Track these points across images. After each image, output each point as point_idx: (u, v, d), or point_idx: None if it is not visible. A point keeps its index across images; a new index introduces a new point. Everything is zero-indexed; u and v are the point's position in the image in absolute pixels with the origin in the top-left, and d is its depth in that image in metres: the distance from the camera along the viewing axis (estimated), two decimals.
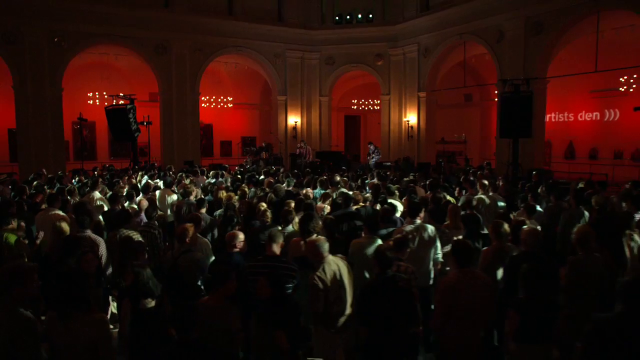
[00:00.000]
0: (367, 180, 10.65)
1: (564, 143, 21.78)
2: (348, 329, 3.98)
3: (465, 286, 3.53)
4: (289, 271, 4.07)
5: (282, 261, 4.17)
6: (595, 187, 8.82)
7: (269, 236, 4.29)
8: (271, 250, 4.20)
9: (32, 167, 16.36)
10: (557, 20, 15.33)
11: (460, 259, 3.65)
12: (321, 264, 3.93)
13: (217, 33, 20.06)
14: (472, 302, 3.51)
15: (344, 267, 4.02)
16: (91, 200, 8.13)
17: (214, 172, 11.86)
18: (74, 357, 3.13)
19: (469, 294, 3.51)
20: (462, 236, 5.99)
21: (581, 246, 4.13)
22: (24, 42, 16.74)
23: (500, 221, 4.73)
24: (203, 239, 5.41)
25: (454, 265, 3.69)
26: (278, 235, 4.32)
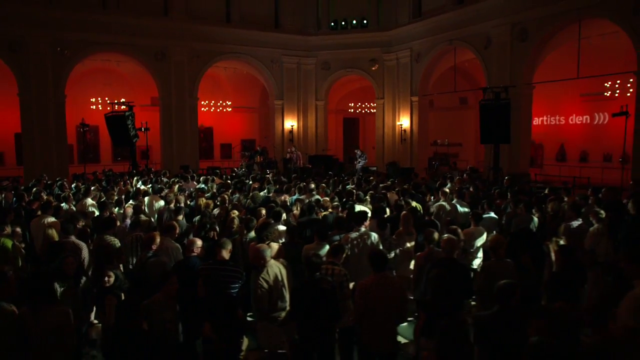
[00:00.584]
0: (348, 186, 11.18)
1: (556, 146, 22.16)
2: (289, 322, 4.55)
3: (378, 288, 4.07)
4: (235, 273, 4.65)
5: (229, 265, 4.75)
6: (559, 194, 9.32)
7: (219, 243, 4.88)
8: (220, 255, 4.79)
9: (36, 171, 17.18)
10: (542, 28, 15.75)
11: (375, 265, 4.20)
12: (264, 268, 4.52)
13: (214, 40, 20.70)
14: (385, 302, 4.06)
15: (284, 269, 4.60)
16: (84, 206, 8.78)
17: (204, 177, 12.44)
18: (43, 341, 3.77)
19: (381, 295, 4.06)
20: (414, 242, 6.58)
21: (493, 252, 4.67)
22: (28, 51, 17.48)
23: (431, 230, 5.27)
24: (174, 244, 5.99)
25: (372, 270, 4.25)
26: (227, 243, 4.90)
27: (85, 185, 11.13)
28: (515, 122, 16.66)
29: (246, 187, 12.04)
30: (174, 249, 5.91)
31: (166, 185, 11.78)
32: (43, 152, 18.01)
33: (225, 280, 4.52)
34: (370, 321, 4.06)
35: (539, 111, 22.66)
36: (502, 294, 3.40)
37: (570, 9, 14.73)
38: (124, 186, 11.84)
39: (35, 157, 17.97)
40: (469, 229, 6.58)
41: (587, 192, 9.26)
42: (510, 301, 3.40)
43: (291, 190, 9.91)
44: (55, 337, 3.78)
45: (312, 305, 4.11)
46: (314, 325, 4.15)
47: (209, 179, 12.84)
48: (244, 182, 12.39)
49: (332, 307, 4.13)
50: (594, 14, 14.37)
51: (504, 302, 3.39)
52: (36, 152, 17.95)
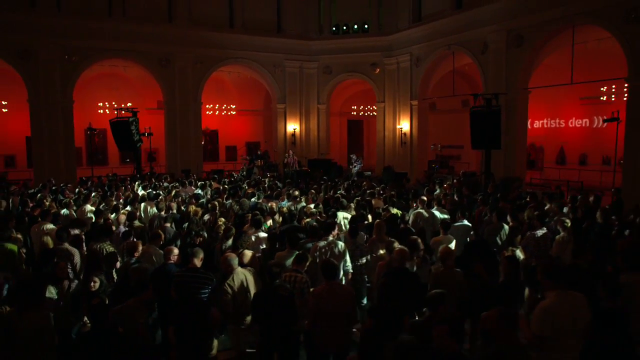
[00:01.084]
0: (338, 192, 11.56)
1: (556, 149, 22.31)
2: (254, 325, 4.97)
3: (329, 295, 4.47)
4: (205, 280, 5.07)
5: (199, 272, 5.17)
6: (540, 201, 9.61)
7: (191, 252, 5.32)
8: (192, 262, 5.22)
9: (45, 173, 17.86)
10: (536, 34, 15.97)
11: (326, 274, 4.60)
12: (231, 275, 4.95)
13: (218, 46, 21.19)
14: (335, 307, 4.45)
15: (251, 276, 5.03)
16: (83, 213, 9.28)
17: (201, 183, 12.90)
18: (27, 341, 4.22)
19: (331, 301, 4.45)
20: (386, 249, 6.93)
21: (442, 262, 5.03)
22: (37, 58, 18.10)
23: (392, 240, 5.64)
24: (158, 251, 6.44)
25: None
26: (198, 252, 5.34)
27: (86, 190, 11.66)
28: (511, 126, 16.99)
29: (241, 192, 12.52)
30: (158, 255, 6.35)
31: (165, 191, 12.26)
32: (51, 156, 18.64)
33: (196, 286, 4.94)
34: (322, 325, 4.46)
35: (539, 114, 22.84)
36: (431, 302, 3.78)
37: (563, 16, 14.93)
38: (125, 191, 12.33)
39: (44, 160, 18.61)
40: (438, 237, 6.93)
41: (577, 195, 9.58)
42: (438, 308, 3.77)
43: (281, 196, 10.30)
44: (37, 337, 4.23)
45: (270, 310, 4.51)
46: (273, 329, 4.56)
47: (206, 184, 13.30)
48: (239, 187, 12.83)
49: (288, 312, 4.53)
50: (587, 21, 14.55)
51: (433, 309, 3.77)
52: (45, 155, 18.59)
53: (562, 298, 3.67)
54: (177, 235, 7.51)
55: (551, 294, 3.73)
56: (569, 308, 3.64)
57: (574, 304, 3.67)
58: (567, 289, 3.75)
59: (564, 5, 14.74)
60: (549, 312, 3.60)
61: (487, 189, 11.59)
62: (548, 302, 3.68)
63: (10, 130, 21.50)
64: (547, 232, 6.98)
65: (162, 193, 12.05)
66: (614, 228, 7.66)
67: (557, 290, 3.71)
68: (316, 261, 5.92)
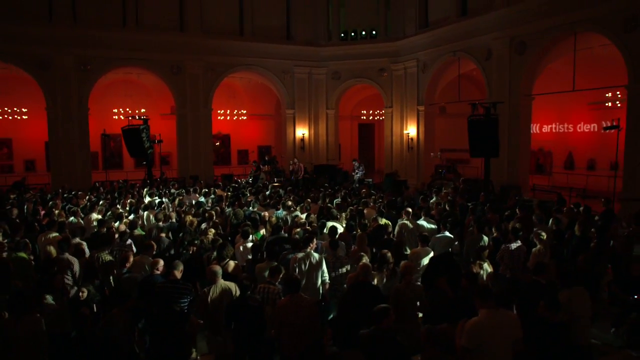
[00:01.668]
0: (335, 200, 11.90)
1: (564, 153, 22.28)
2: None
3: (292, 307, 4.85)
4: (184, 291, 5.50)
5: (179, 283, 5.60)
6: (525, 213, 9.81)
7: (172, 264, 5.76)
8: (173, 274, 5.66)
9: (62, 178, 18.77)
10: (538, 41, 16.06)
11: (289, 288, 4.98)
12: (212, 285, 5.38)
13: (228, 53, 21.73)
14: (297, 319, 4.83)
15: (230, 289, 5.41)
16: (89, 221, 9.83)
17: (205, 191, 13.37)
18: (21, 345, 4.70)
19: (294, 312, 4.84)
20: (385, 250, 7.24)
21: (402, 277, 5.36)
22: (55, 68, 18.90)
23: (361, 254, 5.99)
24: (150, 261, 6.87)
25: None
26: (178, 264, 5.77)
27: (95, 198, 12.26)
28: (514, 133, 17.12)
29: (244, 199, 12.96)
30: (150, 265, 6.80)
31: (170, 198, 12.77)
32: (68, 161, 19.42)
33: (176, 296, 5.37)
34: (286, 335, 4.85)
35: (547, 119, 22.85)
36: (376, 316, 4.14)
37: (564, 24, 15.03)
38: (132, 198, 12.88)
39: (61, 165, 19.41)
40: (415, 250, 7.24)
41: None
42: (382, 322, 4.13)
43: (278, 205, 10.69)
44: (30, 342, 4.70)
45: (241, 319, 4.92)
46: (245, 337, 4.97)
47: (210, 191, 13.78)
48: (242, 194, 13.27)
49: (258, 322, 4.93)
50: (587, 29, 14.63)
51: (378, 322, 4.13)
52: (62, 160, 19.38)
53: (491, 315, 3.99)
54: (172, 244, 7.96)
55: (482, 311, 4.04)
56: (497, 325, 3.95)
57: (503, 321, 3.99)
58: (497, 307, 4.07)
59: (565, 13, 14.85)
60: (477, 328, 3.93)
61: (480, 197, 11.77)
62: (477, 319, 4.00)
63: (30, 136, 22.38)
64: (522, 245, 7.22)
65: (167, 200, 12.60)
66: (593, 240, 7.85)
67: (487, 308, 4.02)
68: (295, 272, 6.30)
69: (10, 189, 17.52)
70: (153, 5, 20.27)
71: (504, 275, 7.14)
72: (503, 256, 7.15)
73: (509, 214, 9.68)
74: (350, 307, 4.77)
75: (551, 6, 15.26)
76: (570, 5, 14.66)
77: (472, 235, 8.00)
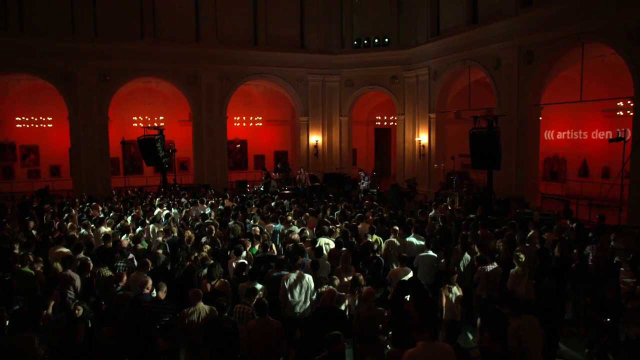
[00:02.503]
0: (336, 212, 12.23)
1: (579, 160, 22.07)
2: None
3: (260, 329, 5.27)
4: (165, 310, 5.96)
5: (161, 303, 6.07)
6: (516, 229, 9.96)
7: (156, 286, 6.22)
8: (157, 295, 6.11)
9: (83, 184, 19.83)
10: (547, 51, 16.05)
11: (257, 311, 5.38)
12: (192, 307, 5.82)
13: (242, 62, 22.29)
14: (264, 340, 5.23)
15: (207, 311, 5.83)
16: (97, 234, 10.43)
17: (211, 202, 13.87)
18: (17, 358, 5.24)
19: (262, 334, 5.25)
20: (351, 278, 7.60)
21: (364, 301, 5.70)
22: (76, 79, 19.80)
23: (333, 277, 6.34)
24: (146, 277, 7.36)
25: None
26: (162, 285, 6.24)
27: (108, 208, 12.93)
28: (521, 143, 17.12)
29: (250, 210, 13.43)
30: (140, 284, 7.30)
31: (179, 209, 13.32)
32: (88, 168, 20.33)
33: (158, 316, 5.85)
34: (255, 354, 5.27)
35: (561, 125, 22.67)
36: (328, 342, 4.52)
37: (571, 34, 15.00)
38: (144, 209, 13.49)
39: (82, 173, 20.32)
40: (395, 269, 7.53)
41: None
42: (334, 347, 4.50)
43: (277, 219, 11.07)
44: (23, 358, 5.24)
45: (216, 339, 5.35)
46: (220, 355, 5.40)
47: (218, 201, 14.29)
48: (248, 205, 13.75)
49: (232, 342, 5.35)
50: (594, 39, 14.59)
51: (330, 348, 4.50)
52: (83, 168, 20.29)
53: (426, 348, 4.29)
54: (168, 261, 8.45)
55: (418, 344, 4.35)
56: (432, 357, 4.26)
57: (437, 354, 4.29)
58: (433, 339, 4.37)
59: (571, 23, 14.84)
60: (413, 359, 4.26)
61: (477, 211, 11.92)
62: (413, 351, 4.32)
63: (55, 143, 23.40)
64: (498, 267, 7.44)
65: (176, 211, 13.15)
66: (574, 262, 8.00)
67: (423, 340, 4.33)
68: (286, 289, 6.68)
69: (34, 195, 18.46)
70: (170, 17, 20.97)
71: (480, 296, 7.38)
72: (480, 277, 7.39)
73: (500, 231, 9.83)
74: (313, 331, 5.14)
75: (558, 17, 15.26)
76: (577, 16, 14.65)
77: (456, 254, 8.23)
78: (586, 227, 12.39)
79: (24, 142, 23.67)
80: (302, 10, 23.64)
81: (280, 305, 6.80)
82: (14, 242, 9.39)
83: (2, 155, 23.52)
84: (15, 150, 23.74)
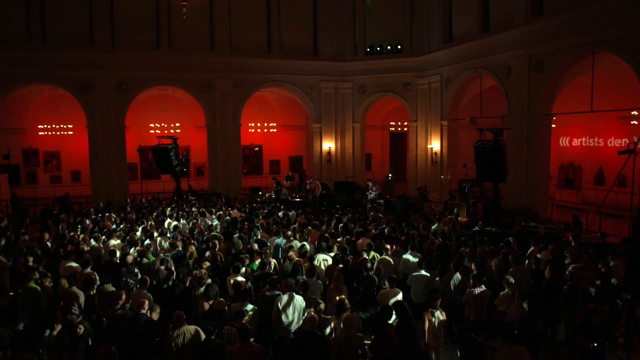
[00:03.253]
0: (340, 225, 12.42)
1: (595, 168, 21.77)
2: None
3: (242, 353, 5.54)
4: (157, 330, 6.27)
5: (154, 324, 6.38)
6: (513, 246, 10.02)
7: (150, 306, 6.54)
8: (150, 316, 6.43)
9: (101, 190, 20.51)
10: (557, 60, 15.93)
11: (240, 335, 5.64)
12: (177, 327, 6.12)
13: (256, 70, 22.67)
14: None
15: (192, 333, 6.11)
16: (106, 247, 10.84)
17: (219, 213, 14.20)
18: None
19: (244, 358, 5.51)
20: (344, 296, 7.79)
21: (343, 327, 5.90)
22: (95, 89, 20.45)
23: (319, 301, 6.55)
24: (147, 295, 7.70)
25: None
26: (156, 307, 6.55)
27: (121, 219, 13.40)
28: (532, 152, 17.01)
29: (257, 221, 13.73)
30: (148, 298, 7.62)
31: (189, 220, 13.70)
32: (106, 175, 20.98)
33: (150, 336, 6.16)
34: None
35: (577, 132, 22.38)
36: None
37: (582, 44, 14.87)
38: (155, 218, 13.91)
39: (100, 179, 20.98)
40: (384, 290, 7.69)
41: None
42: None
43: (280, 232, 11.31)
44: None
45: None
46: None
47: (226, 211, 14.63)
48: (255, 215, 14.05)
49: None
50: (604, 49, 14.45)
51: None
52: (101, 175, 20.95)
53: None
54: (170, 276, 8.77)
55: None
56: None
57: None
58: None
59: (581, 33, 14.72)
60: None
61: (478, 226, 11.96)
62: None
63: (76, 149, 24.13)
64: (486, 290, 7.53)
65: (184, 222, 13.53)
66: (566, 284, 8.04)
67: None
68: (279, 309, 6.93)
69: (54, 201, 19.15)
70: (185, 28, 21.40)
71: (467, 318, 7.50)
72: (468, 300, 7.51)
73: (497, 249, 9.88)
74: (292, 356, 5.36)
75: (568, 26, 15.13)
76: (586, 26, 14.52)
77: (448, 273, 8.33)
78: (592, 242, 12.42)
79: (47, 148, 24.52)
80: (315, 17, 23.88)
81: (272, 325, 7.05)
82: (27, 255, 9.82)
83: (26, 161, 24.42)
84: (39, 156, 24.61)
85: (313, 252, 10.20)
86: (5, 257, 10.21)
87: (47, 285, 8.63)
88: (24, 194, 22.67)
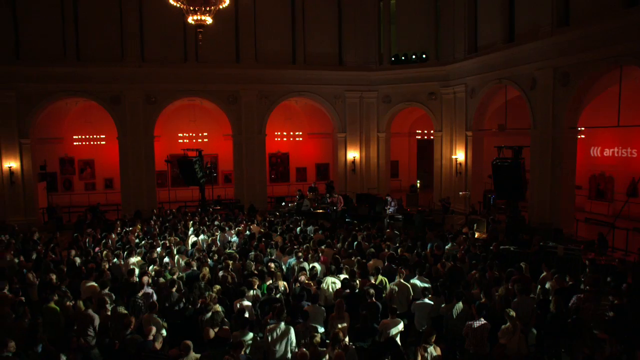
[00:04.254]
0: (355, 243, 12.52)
1: (628, 179, 21.04)
2: None
3: None
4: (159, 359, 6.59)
5: (159, 354, 6.68)
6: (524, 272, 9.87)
7: (154, 337, 6.84)
8: (154, 346, 6.74)
9: (131, 199, 21.28)
10: (582, 73, 15.54)
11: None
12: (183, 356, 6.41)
13: (281, 81, 22.98)
14: None
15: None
16: (126, 265, 11.29)
17: (238, 229, 14.52)
18: None
19: None
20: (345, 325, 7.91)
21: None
22: (125, 102, 21.22)
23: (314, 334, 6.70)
24: (156, 319, 8.03)
25: None
26: (159, 336, 6.85)
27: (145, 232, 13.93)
28: (556, 167, 16.62)
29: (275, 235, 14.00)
30: (156, 322, 7.96)
31: (209, 234, 14.08)
32: (136, 185, 21.74)
33: None
34: None
35: (609, 142, 21.69)
36: None
37: (608, 56, 14.46)
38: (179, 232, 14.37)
39: (130, 188, 21.75)
40: (385, 320, 7.75)
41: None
42: None
43: (293, 252, 11.47)
44: None
45: None
46: None
47: (246, 226, 14.96)
48: (272, 232, 14.31)
49: None
50: (629, 62, 14.03)
51: None
52: (130, 184, 21.71)
53: None
54: (181, 299, 9.08)
55: None
56: None
57: None
58: None
59: (606, 46, 14.35)
60: None
61: (492, 247, 11.81)
62: None
63: (108, 157, 25.02)
64: (485, 323, 7.48)
65: (204, 237, 13.90)
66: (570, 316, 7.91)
67: None
68: (269, 341, 7.15)
69: (86, 211, 20.01)
70: (211, 41, 21.87)
71: (468, 350, 7.50)
72: (468, 333, 7.50)
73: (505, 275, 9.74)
74: None
75: (595, 38, 14.75)
76: (613, 37, 14.11)
77: (449, 303, 8.31)
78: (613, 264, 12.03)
79: (82, 156, 25.55)
80: (340, 28, 24.01)
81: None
82: (52, 272, 10.30)
83: (63, 169, 25.52)
84: (74, 164, 25.67)
85: (324, 273, 10.30)
86: (34, 274, 10.85)
87: (68, 305, 9.07)
88: (60, 200, 23.78)
